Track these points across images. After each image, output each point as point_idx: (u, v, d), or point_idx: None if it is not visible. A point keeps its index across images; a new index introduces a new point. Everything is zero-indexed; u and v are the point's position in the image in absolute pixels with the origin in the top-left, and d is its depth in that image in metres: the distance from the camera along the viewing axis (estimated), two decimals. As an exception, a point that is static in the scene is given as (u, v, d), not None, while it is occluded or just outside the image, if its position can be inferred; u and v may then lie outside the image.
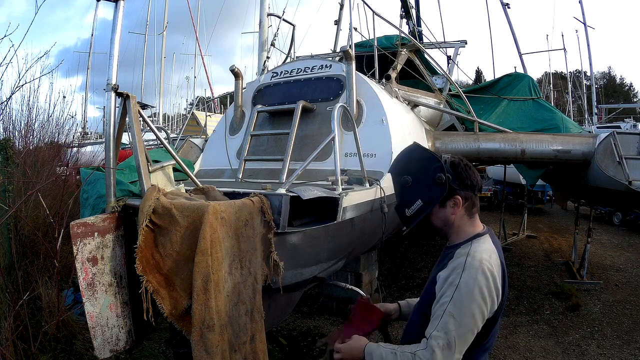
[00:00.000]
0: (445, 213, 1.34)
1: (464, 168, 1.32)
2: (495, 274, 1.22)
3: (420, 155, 1.38)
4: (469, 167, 1.33)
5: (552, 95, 27.45)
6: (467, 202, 1.33)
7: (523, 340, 4.10)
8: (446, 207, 1.33)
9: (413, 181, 1.35)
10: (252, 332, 1.87)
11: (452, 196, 1.32)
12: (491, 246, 1.29)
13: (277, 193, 2.03)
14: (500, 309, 1.27)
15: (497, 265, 1.24)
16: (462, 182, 1.31)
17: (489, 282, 1.20)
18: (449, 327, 1.17)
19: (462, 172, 1.31)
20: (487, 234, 1.34)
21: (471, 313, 1.18)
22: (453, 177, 1.30)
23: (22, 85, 3.71)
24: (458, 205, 1.32)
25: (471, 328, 1.19)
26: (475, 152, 4.50)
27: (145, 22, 23.96)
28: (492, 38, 18.10)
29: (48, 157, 4.97)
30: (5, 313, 2.75)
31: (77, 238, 1.70)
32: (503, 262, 1.28)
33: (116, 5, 1.82)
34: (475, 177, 1.33)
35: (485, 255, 1.24)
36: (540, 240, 8.63)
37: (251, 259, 1.92)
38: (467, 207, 1.33)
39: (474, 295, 1.18)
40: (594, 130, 10.97)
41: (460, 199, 1.32)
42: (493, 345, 1.36)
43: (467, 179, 1.31)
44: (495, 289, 1.21)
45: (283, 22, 5.59)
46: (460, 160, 1.34)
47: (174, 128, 23.79)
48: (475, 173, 1.34)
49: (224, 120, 4.11)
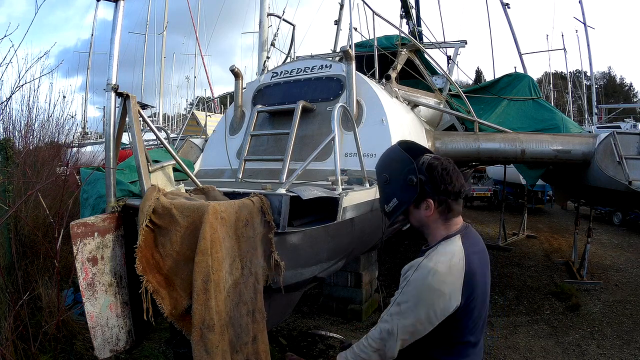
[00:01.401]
0: (420, 214, 1.36)
1: (441, 172, 1.29)
2: (448, 274, 1.22)
3: (397, 156, 1.38)
4: (448, 171, 1.30)
5: (552, 95, 27.45)
6: (442, 206, 1.32)
7: (523, 340, 4.10)
8: (420, 208, 1.34)
9: (390, 180, 1.38)
10: (254, 333, 1.87)
11: (424, 199, 1.32)
12: (456, 248, 1.28)
13: (277, 193, 2.03)
14: (467, 307, 1.25)
15: (456, 266, 1.24)
16: (435, 186, 1.30)
17: (438, 282, 1.21)
18: (394, 315, 1.26)
19: (437, 176, 1.29)
20: (456, 235, 1.32)
21: (414, 307, 1.23)
22: (427, 180, 1.30)
23: (22, 85, 3.72)
24: (430, 208, 1.32)
25: (414, 322, 1.23)
26: (475, 152, 4.50)
27: (145, 22, 23.98)
28: (492, 38, 18.07)
29: (48, 157, 4.97)
30: (5, 313, 2.75)
31: (77, 238, 1.70)
32: (472, 262, 1.27)
33: (116, 5, 1.82)
34: (452, 182, 1.29)
35: (443, 258, 1.25)
36: (540, 240, 8.63)
37: (252, 259, 1.92)
38: (442, 211, 1.32)
39: (420, 292, 1.23)
40: (594, 130, 10.98)
41: (432, 203, 1.31)
42: (478, 340, 1.35)
43: (442, 183, 1.29)
44: (448, 289, 1.21)
45: (283, 22, 5.60)
46: (439, 164, 1.31)
47: (174, 128, 23.79)
48: (454, 177, 1.30)
49: (224, 120, 4.11)
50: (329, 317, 4.43)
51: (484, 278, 1.33)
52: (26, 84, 4.19)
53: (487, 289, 1.36)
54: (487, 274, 1.37)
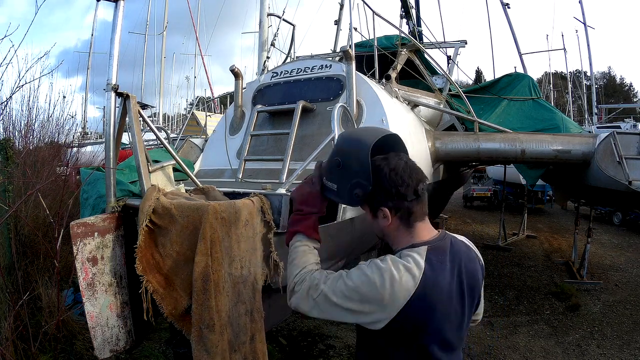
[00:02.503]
0: (379, 224, 1.22)
1: (389, 174, 1.14)
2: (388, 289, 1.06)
3: (358, 155, 1.19)
4: (397, 170, 1.15)
5: (552, 95, 27.44)
6: (400, 212, 1.17)
7: (523, 340, 4.10)
8: (378, 218, 1.21)
9: (339, 168, 1.23)
10: (251, 332, 1.87)
11: (379, 207, 1.18)
12: (413, 263, 1.10)
13: (277, 193, 2.03)
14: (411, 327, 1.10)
15: (403, 284, 1.06)
16: (386, 192, 1.15)
17: (374, 291, 1.07)
18: (329, 282, 1.15)
19: (386, 179, 1.14)
20: (423, 246, 1.14)
21: (347, 294, 1.11)
22: (375, 188, 1.16)
23: (22, 86, 3.72)
24: (387, 217, 1.18)
25: (337, 301, 1.12)
26: (475, 152, 4.49)
27: (145, 22, 23.98)
28: (492, 38, 18.04)
29: (48, 157, 4.97)
30: (5, 313, 2.75)
31: (77, 238, 1.70)
32: (428, 285, 1.08)
33: (116, 5, 1.81)
34: (404, 181, 1.14)
35: (393, 268, 1.08)
36: (540, 240, 8.64)
37: (251, 259, 1.92)
38: (401, 216, 1.17)
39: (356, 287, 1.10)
40: (594, 130, 10.98)
41: (387, 211, 1.17)
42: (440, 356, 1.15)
43: (392, 187, 1.14)
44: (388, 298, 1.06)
45: (283, 22, 5.59)
46: (385, 165, 1.16)
47: (174, 128, 23.79)
48: (406, 175, 1.14)
49: (224, 120, 4.11)
50: (329, 317, 4.43)
51: (449, 301, 1.13)
52: (26, 84, 4.19)
53: (452, 312, 1.15)
54: (461, 295, 1.17)
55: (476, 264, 1.24)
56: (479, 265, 1.26)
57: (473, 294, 1.21)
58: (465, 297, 1.18)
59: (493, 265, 6.62)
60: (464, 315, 1.19)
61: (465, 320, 1.20)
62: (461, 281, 1.17)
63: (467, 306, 1.19)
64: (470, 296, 1.20)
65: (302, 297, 1.19)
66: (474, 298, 1.23)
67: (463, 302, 1.17)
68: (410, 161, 1.20)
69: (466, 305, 1.19)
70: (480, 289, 1.27)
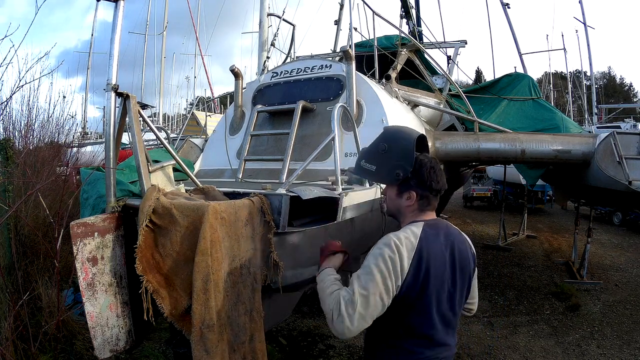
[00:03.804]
0: (400, 202, 1.47)
1: (429, 169, 1.42)
2: (400, 250, 1.30)
3: (405, 145, 1.46)
4: (435, 170, 1.43)
5: (552, 95, 27.44)
6: (422, 200, 1.44)
7: (523, 340, 4.10)
8: (402, 197, 1.46)
9: (384, 152, 1.48)
10: (251, 332, 1.87)
11: (408, 190, 1.44)
12: (416, 230, 1.36)
13: (277, 193, 2.03)
14: (417, 288, 1.31)
15: (409, 243, 1.32)
16: (421, 181, 1.42)
17: (392, 254, 1.29)
18: (354, 286, 1.30)
19: (425, 172, 1.41)
20: (421, 222, 1.41)
21: (372, 276, 1.28)
22: (413, 175, 1.42)
23: (22, 86, 3.70)
24: (412, 199, 1.44)
25: (374, 291, 1.27)
26: (475, 152, 4.49)
27: (145, 23, 23.97)
28: (492, 38, 18.10)
29: (48, 157, 4.97)
30: (5, 313, 2.75)
31: (77, 238, 1.70)
32: (427, 246, 1.33)
33: (116, 5, 1.81)
34: (437, 181, 1.42)
35: (401, 234, 1.34)
36: (540, 240, 8.64)
37: (251, 259, 1.92)
38: (422, 203, 1.44)
39: (376, 260, 1.30)
40: (594, 130, 10.98)
41: (414, 194, 1.43)
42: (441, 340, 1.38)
43: (428, 180, 1.41)
44: (398, 263, 1.29)
45: (283, 22, 5.59)
46: (428, 162, 1.44)
47: (174, 128, 23.78)
48: (439, 176, 1.43)
49: (224, 120, 4.11)
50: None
51: (443, 267, 1.36)
52: (26, 84, 4.18)
53: (446, 280, 1.37)
54: (453, 267, 1.39)
55: (467, 248, 1.48)
56: (470, 252, 1.48)
57: (464, 272, 1.43)
58: (456, 271, 1.40)
59: (493, 265, 6.62)
60: (456, 288, 1.40)
61: (456, 296, 1.41)
62: (453, 256, 1.40)
63: (459, 281, 1.41)
64: (461, 272, 1.42)
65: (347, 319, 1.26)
66: (464, 277, 1.44)
67: (454, 275, 1.40)
68: (441, 166, 1.48)
69: (457, 279, 1.41)
70: (471, 273, 1.48)
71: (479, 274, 1.60)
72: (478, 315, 4.69)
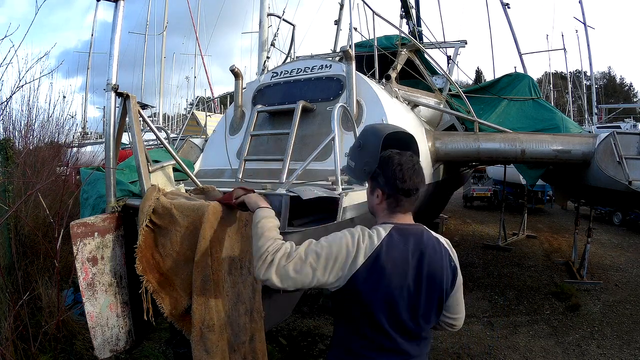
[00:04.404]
0: (372, 200, 1.45)
1: (394, 167, 1.35)
2: (359, 245, 1.28)
3: (373, 142, 1.47)
4: (402, 167, 1.34)
5: (552, 95, 27.43)
6: (390, 199, 1.38)
7: (523, 340, 4.10)
8: (373, 195, 1.43)
9: (359, 149, 1.51)
10: (251, 332, 1.87)
11: (376, 188, 1.41)
12: (382, 233, 1.32)
13: (277, 193, 2.03)
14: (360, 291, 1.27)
15: (369, 244, 1.29)
16: (387, 179, 1.36)
17: (350, 245, 1.29)
18: (302, 246, 1.32)
19: (391, 170, 1.35)
20: (391, 224, 1.35)
21: (321, 251, 1.29)
22: (381, 173, 1.38)
23: (22, 86, 3.71)
24: (379, 197, 1.40)
25: (313, 264, 1.27)
26: (475, 152, 4.49)
27: (145, 23, 23.97)
28: (492, 38, 18.11)
29: (48, 157, 4.97)
30: (5, 313, 2.75)
31: (77, 238, 1.70)
32: (386, 252, 1.28)
33: (116, 5, 1.81)
34: (404, 179, 1.33)
35: (367, 232, 1.33)
36: (540, 240, 8.64)
37: (251, 259, 1.92)
38: (390, 203, 1.38)
39: (333, 242, 1.31)
40: (594, 130, 10.98)
41: (381, 193, 1.39)
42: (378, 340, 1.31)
43: (392, 178, 1.35)
44: (352, 256, 1.27)
45: (283, 22, 5.59)
46: (397, 159, 1.36)
47: (174, 128, 23.77)
48: (407, 175, 1.34)
49: (224, 120, 4.11)
50: (329, 317, 4.43)
51: (402, 275, 1.29)
52: (26, 84, 4.18)
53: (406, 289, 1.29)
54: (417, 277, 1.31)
55: (443, 260, 1.37)
56: (445, 264, 1.37)
57: (432, 284, 1.34)
58: (422, 281, 1.32)
59: (493, 265, 6.62)
60: (420, 300, 1.31)
61: (420, 307, 1.32)
62: (420, 266, 1.32)
63: (425, 293, 1.32)
64: (429, 283, 1.33)
65: (276, 267, 1.28)
66: (433, 289, 1.34)
67: (419, 285, 1.31)
68: (418, 166, 1.39)
69: (423, 291, 1.32)
70: (443, 286, 1.36)
71: (479, 274, 1.58)
72: (478, 315, 4.69)
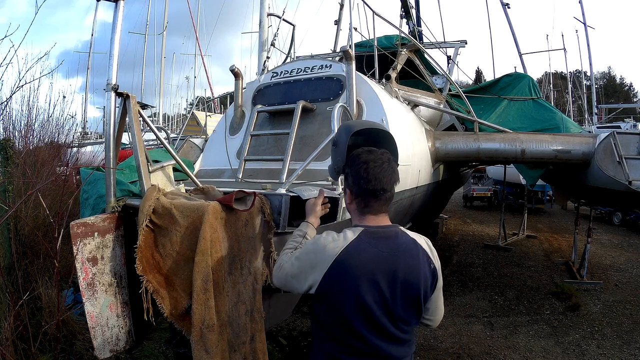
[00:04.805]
0: (345, 200, 1.44)
1: (359, 167, 1.32)
2: (323, 252, 1.28)
3: (342, 140, 1.52)
4: (367, 167, 1.30)
5: (552, 95, 27.43)
6: (358, 199, 1.35)
7: (523, 340, 4.10)
8: (345, 195, 1.42)
9: (334, 147, 1.55)
10: (251, 332, 1.87)
11: (346, 187, 1.40)
12: (347, 236, 1.30)
13: (277, 193, 2.03)
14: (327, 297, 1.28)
15: (330, 249, 1.27)
16: (354, 180, 1.34)
17: (313, 253, 1.31)
18: (288, 257, 1.42)
19: (355, 170, 1.33)
20: (360, 227, 1.33)
21: (295, 262, 1.37)
22: (349, 171, 1.37)
23: (22, 86, 3.72)
24: (349, 197, 1.39)
25: (290, 272, 1.37)
26: (475, 152, 4.49)
27: (145, 23, 23.98)
28: (492, 38, 18.10)
29: (48, 157, 4.97)
30: (5, 313, 2.75)
31: (77, 238, 1.70)
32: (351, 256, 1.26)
33: (116, 5, 1.81)
34: (369, 179, 1.29)
35: (329, 237, 1.32)
36: (540, 240, 8.64)
37: (251, 259, 1.92)
38: (358, 203, 1.36)
39: (300, 254, 1.37)
40: (594, 130, 10.97)
41: (349, 193, 1.38)
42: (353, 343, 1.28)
43: (360, 179, 1.31)
44: (316, 264, 1.28)
45: (283, 22, 5.59)
46: (363, 159, 1.33)
47: (174, 128, 23.77)
48: (373, 175, 1.29)
49: (224, 120, 4.10)
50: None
51: (371, 278, 1.25)
52: (26, 84, 4.19)
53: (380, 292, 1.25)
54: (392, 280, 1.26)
55: (420, 263, 1.32)
56: (424, 267, 1.32)
57: (410, 289, 1.29)
58: (397, 285, 1.27)
59: (493, 265, 6.61)
60: (396, 303, 1.27)
61: (397, 310, 1.27)
62: (394, 269, 1.27)
63: (401, 297, 1.28)
64: (405, 288, 1.28)
65: (274, 274, 1.46)
66: (411, 293, 1.29)
67: (394, 290, 1.27)
68: (389, 164, 1.33)
69: (398, 294, 1.27)
70: (420, 288, 1.31)
71: (479, 274, 1.58)
72: (478, 315, 4.69)
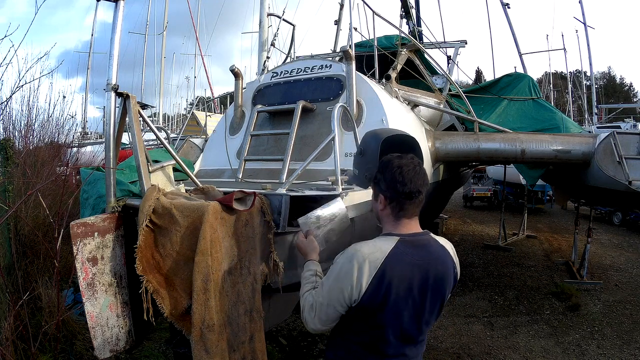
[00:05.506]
0: (375, 206, 1.42)
1: (394, 171, 1.32)
2: (361, 267, 1.25)
3: (373, 147, 1.54)
4: (402, 170, 1.32)
5: (552, 95, 27.44)
6: (393, 204, 1.35)
7: (523, 340, 4.10)
8: (377, 201, 1.41)
9: (361, 156, 1.58)
10: (251, 332, 1.87)
11: (379, 193, 1.39)
12: (385, 246, 1.29)
13: (277, 193, 2.03)
14: (368, 308, 1.27)
15: (373, 261, 1.26)
16: (387, 183, 1.34)
17: (351, 270, 1.26)
18: (316, 294, 1.37)
19: (390, 174, 1.33)
20: (397, 236, 1.32)
21: (329, 288, 1.31)
22: (381, 178, 1.36)
23: (22, 86, 3.72)
24: (382, 203, 1.37)
25: (329, 302, 1.30)
26: (475, 152, 4.49)
27: (145, 23, 23.98)
28: (492, 38, 18.10)
29: (48, 157, 4.97)
30: (5, 313, 2.75)
31: (77, 238, 1.70)
32: (392, 268, 1.26)
33: (116, 5, 1.81)
34: (405, 182, 1.30)
35: (365, 249, 1.29)
36: (540, 240, 8.64)
37: (251, 258, 1.92)
38: (393, 208, 1.36)
39: (337, 274, 1.30)
40: (594, 130, 10.97)
41: (383, 198, 1.37)
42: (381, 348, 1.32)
43: (392, 181, 1.32)
44: (356, 280, 1.25)
45: (283, 22, 5.59)
46: (396, 163, 1.34)
47: (174, 128, 23.77)
48: (408, 178, 1.31)
49: (224, 120, 4.11)
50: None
51: (408, 289, 1.28)
52: (26, 84, 4.20)
53: (412, 301, 1.29)
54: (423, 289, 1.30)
55: (448, 269, 1.36)
56: (450, 272, 1.37)
57: (438, 294, 1.34)
58: (427, 292, 1.31)
59: (493, 265, 6.62)
60: (424, 309, 1.32)
61: (424, 315, 1.33)
62: (426, 277, 1.30)
63: (429, 302, 1.32)
64: (433, 294, 1.32)
65: (309, 320, 1.38)
66: (437, 298, 1.34)
67: (424, 297, 1.31)
68: (420, 167, 1.36)
69: (427, 300, 1.31)
70: (445, 293, 1.36)
71: (479, 274, 1.60)
72: (478, 315, 4.69)
